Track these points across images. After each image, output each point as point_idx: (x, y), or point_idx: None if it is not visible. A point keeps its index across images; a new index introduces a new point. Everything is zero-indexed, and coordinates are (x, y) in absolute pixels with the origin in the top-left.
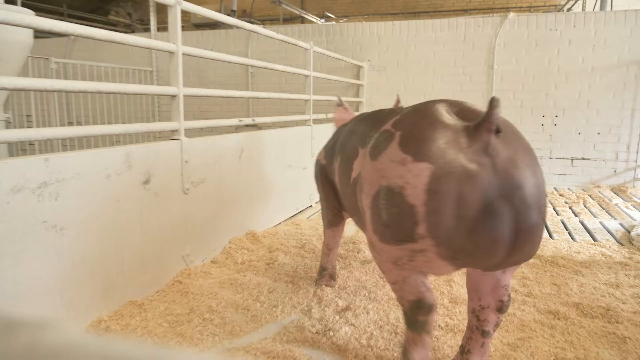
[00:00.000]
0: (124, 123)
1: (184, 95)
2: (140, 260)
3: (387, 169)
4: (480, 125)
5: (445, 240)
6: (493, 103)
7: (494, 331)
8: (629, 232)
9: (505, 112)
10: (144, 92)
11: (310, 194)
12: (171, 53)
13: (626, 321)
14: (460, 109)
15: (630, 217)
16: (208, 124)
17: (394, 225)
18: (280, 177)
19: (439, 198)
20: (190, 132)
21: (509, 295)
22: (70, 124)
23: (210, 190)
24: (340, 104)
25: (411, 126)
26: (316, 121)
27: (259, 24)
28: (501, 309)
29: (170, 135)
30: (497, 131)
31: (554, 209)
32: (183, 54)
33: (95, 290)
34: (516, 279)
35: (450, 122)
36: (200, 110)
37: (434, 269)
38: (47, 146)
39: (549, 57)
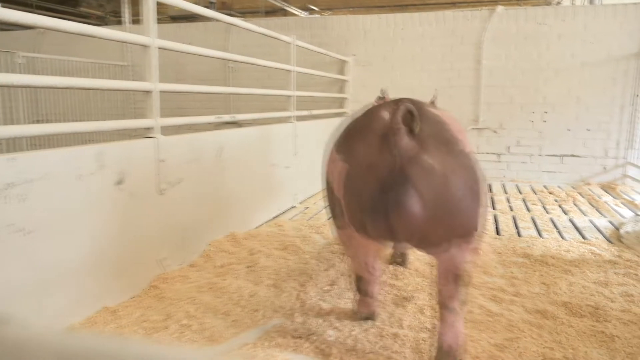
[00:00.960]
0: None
1: (160, 91)
2: (114, 264)
3: (327, 166)
4: (389, 129)
5: (359, 227)
6: (395, 110)
7: (452, 300)
8: (618, 229)
9: (494, 109)
10: (117, 88)
11: (294, 194)
12: (145, 46)
13: (615, 320)
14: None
15: (620, 215)
16: (185, 121)
17: (333, 214)
18: (262, 177)
19: (351, 192)
20: (168, 130)
21: (457, 274)
22: (39, 121)
23: (188, 191)
24: (383, 96)
25: (347, 130)
26: (299, 118)
27: (239, 17)
28: (451, 281)
29: (146, 133)
30: (412, 132)
31: (543, 207)
32: (158, 48)
33: (66, 296)
34: (505, 279)
35: (378, 126)
36: (179, 107)
37: (371, 246)
38: (14, 145)
39: (538, 52)
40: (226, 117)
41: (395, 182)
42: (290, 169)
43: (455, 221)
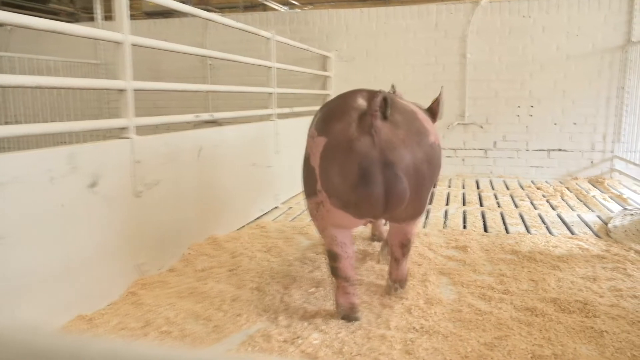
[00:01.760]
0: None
1: (134, 90)
2: (89, 270)
3: (307, 141)
4: (367, 112)
5: (334, 194)
6: (374, 97)
7: (404, 256)
8: (606, 224)
9: (480, 103)
10: (90, 87)
11: (275, 194)
12: (118, 43)
13: (603, 315)
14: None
15: (608, 209)
16: (162, 121)
17: (305, 183)
18: (243, 177)
19: (328, 162)
20: (144, 130)
21: (408, 240)
22: (8, 123)
23: (165, 193)
24: (393, 91)
25: (326, 111)
26: (281, 116)
27: (217, 12)
28: (404, 246)
29: (120, 133)
30: (384, 117)
31: (531, 203)
32: (132, 45)
33: (39, 304)
34: (493, 277)
35: (354, 108)
36: (155, 106)
37: (338, 218)
38: None
39: (523, 45)
40: (205, 116)
41: (383, 166)
42: (272, 169)
43: (420, 203)
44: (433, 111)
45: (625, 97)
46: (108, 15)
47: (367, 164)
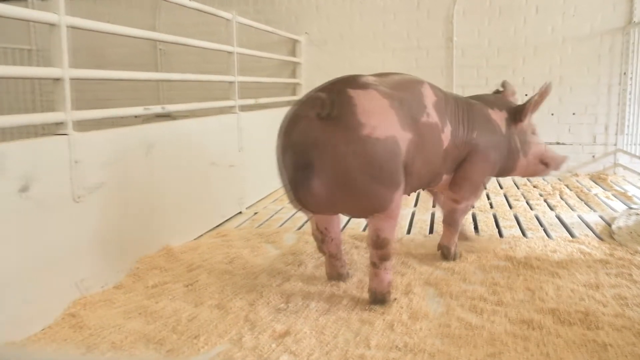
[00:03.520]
0: None
1: (72, 79)
2: (20, 289)
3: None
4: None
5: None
6: (306, 99)
7: (380, 261)
8: (609, 225)
9: (469, 92)
10: (20, 75)
11: (239, 198)
12: (52, 25)
13: (607, 326)
14: None
15: (611, 209)
16: (105, 114)
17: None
18: (201, 178)
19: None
20: (85, 125)
21: (379, 238)
22: None
23: (110, 198)
24: (501, 90)
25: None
26: (244, 108)
27: None
28: (376, 246)
29: (56, 129)
30: (319, 116)
31: (527, 203)
32: (69, 27)
33: None
34: (485, 286)
35: (290, 111)
36: (98, 98)
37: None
38: None
39: (515, 27)
40: (156, 109)
41: (302, 164)
42: (234, 169)
43: (359, 200)
44: (518, 110)
45: (628, 83)
46: None
47: (280, 163)
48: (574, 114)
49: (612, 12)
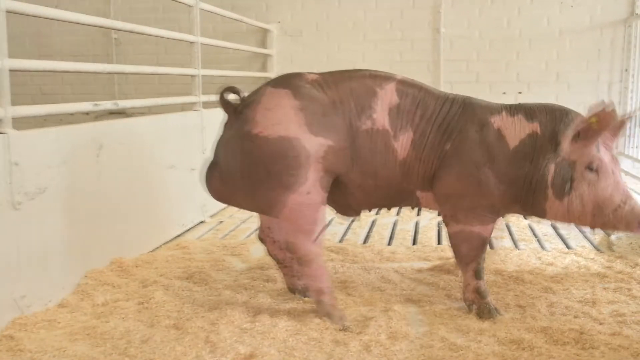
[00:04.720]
0: None
1: (10, 70)
2: None
3: None
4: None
5: None
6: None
7: (299, 266)
8: (608, 235)
9: (458, 89)
10: None
11: (202, 205)
12: None
13: (603, 345)
14: None
15: None
16: (48, 110)
17: None
18: (159, 183)
19: None
20: (26, 123)
21: (287, 242)
22: None
23: (54, 204)
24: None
25: None
26: (207, 104)
27: None
28: (288, 249)
29: None
30: (236, 111)
31: None
32: (7, 11)
33: None
34: None
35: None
36: (42, 92)
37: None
38: None
39: (508, 17)
40: (107, 104)
41: (214, 156)
42: (197, 172)
43: (245, 198)
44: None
45: (630, 81)
46: None
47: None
48: None
49: (613, 2)
